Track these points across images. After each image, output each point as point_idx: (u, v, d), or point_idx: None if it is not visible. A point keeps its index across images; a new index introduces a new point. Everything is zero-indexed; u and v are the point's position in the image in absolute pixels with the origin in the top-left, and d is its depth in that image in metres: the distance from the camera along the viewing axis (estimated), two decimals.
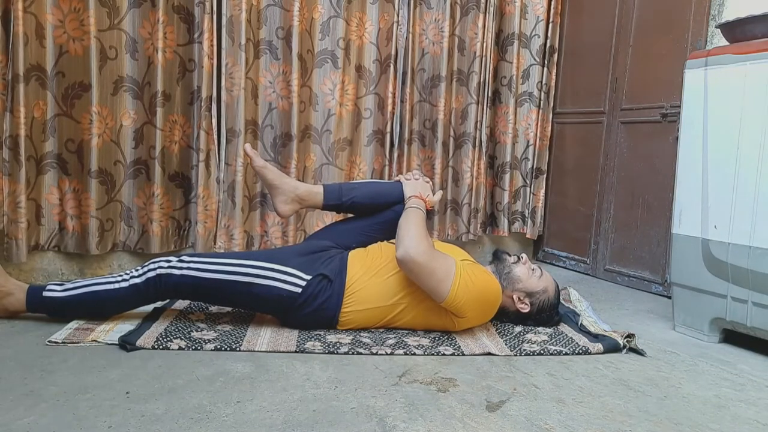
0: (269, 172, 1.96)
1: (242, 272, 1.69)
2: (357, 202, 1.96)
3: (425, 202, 1.88)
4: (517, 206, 3.15)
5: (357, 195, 1.96)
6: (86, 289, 1.70)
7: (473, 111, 2.96)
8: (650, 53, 2.64)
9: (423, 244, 1.69)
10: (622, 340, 1.77)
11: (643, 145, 2.66)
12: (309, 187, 1.98)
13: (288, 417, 1.22)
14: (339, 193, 1.95)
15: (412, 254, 1.66)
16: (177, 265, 1.68)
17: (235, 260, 1.72)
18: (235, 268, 1.69)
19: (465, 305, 1.71)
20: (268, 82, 2.56)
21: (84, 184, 2.25)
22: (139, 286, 1.68)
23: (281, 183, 1.94)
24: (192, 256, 1.71)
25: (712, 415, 1.36)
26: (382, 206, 1.95)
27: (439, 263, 1.68)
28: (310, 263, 1.76)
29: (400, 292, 1.75)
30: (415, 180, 1.97)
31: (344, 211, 2.03)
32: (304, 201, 1.95)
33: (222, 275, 1.68)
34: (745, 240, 1.77)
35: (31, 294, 1.72)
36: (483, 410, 1.30)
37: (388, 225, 1.92)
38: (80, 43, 2.18)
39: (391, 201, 1.94)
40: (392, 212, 1.92)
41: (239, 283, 1.69)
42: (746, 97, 1.78)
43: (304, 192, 1.95)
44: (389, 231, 1.91)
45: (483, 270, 1.80)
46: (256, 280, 1.69)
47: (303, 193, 1.95)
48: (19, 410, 1.19)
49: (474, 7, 2.92)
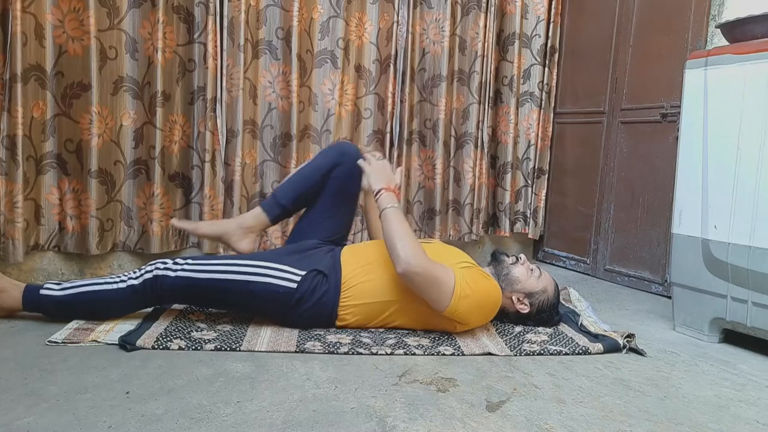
0: (208, 226, 2.01)
1: (237, 271, 1.69)
2: (298, 196, 1.95)
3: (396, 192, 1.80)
4: (518, 206, 3.15)
5: (292, 190, 1.95)
6: (84, 289, 1.70)
7: (474, 111, 2.96)
8: (650, 53, 2.64)
9: (419, 252, 1.66)
10: (622, 340, 1.77)
11: (643, 145, 2.66)
12: (250, 214, 1.97)
13: (288, 417, 1.22)
14: (276, 201, 1.95)
15: (413, 266, 1.63)
16: (172, 267, 1.68)
17: (229, 260, 1.73)
18: (230, 267, 1.70)
19: (465, 314, 1.71)
20: (268, 82, 2.56)
21: (84, 184, 2.24)
22: (136, 287, 1.68)
23: (225, 228, 1.94)
24: (186, 259, 1.72)
25: (712, 415, 1.36)
26: (321, 182, 1.94)
27: (439, 271, 1.67)
28: (303, 260, 1.76)
29: (396, 288, 1.74)
30: (377, 162, 1.86)
31: (294, 211, 2.02)
32: (254, 228, 1.94)
33: (217, 275, 1.69)
34: (745, 240, 1.77)
35: (28, 292, 1.71)
36: (483, 410, 1.30)
37: (341, 195, 1.95)
38: (80, 43, 2.18)
39: (326, 170, 1.93)
40: (335, 180, 1.92)
41: (235, 281, 1.69)
42: (746, 97, 1.78)
43: (250, 221, 1.94)
44: (345, 199, 1.96)
45: (482, 274, 1.78)
46: (251, 278, 1.69)
47: (249, 223, 1.94)
48: (19, 410, 1.19)
49: (475, 7, 2.92)
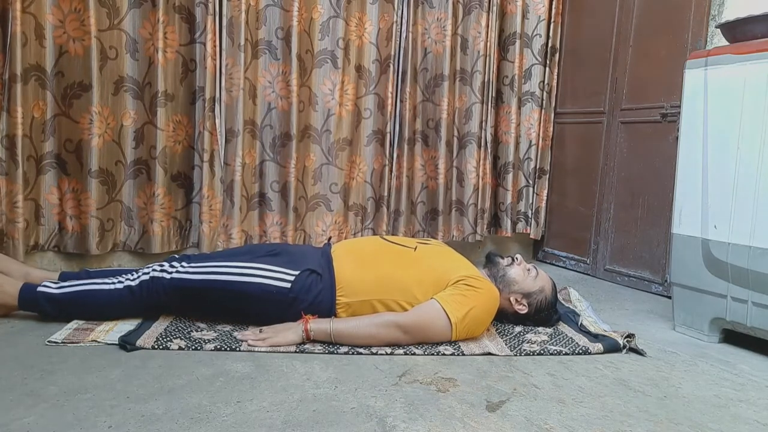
0: None
1: (231, 272, 1.69)
2: None
3: (305, 320, 1.66)
4: (520, 206, 3.15)
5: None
6: (81, 288, 1.70)
7: (477, 110, 2.96)
8: (650, 53, 2.64)
9: (392, 327, 1.64)
10: (622, 340, 1.76)
11: (643, 145, 2.66)
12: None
13: (288, 417, 1.22)
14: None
15: (404, 335, 1.64)
16: (168, 269, 1.69)
17: (222, 262, 1.72)
18: (223, 269, 1.70)
19: (470, 332, 1.72)
20: (268, 82, 2.56)
21: (83, 184, 2.24)
22: (133, 288, 1.68)
23: None
24: (182, 262, 1.72)
25: (712, 415, 1.36)
26: None
27: (423, 316, 1.66)
28: (295, 261, 1.76)
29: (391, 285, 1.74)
30: (265, 332, 1.65)
31: None
32: None
33: (211, 276, 1.69)
34: (745, 240, 1.77)
35: (25, 290, 1.70)
36: (483, 410, 1.30)
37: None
38: (80, 43, 2.18)
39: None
40: None
41: (229, 282, 1.68)
42: (746, 97, 1.78)
43: None
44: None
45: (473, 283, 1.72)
46: (245, 278, 1.69)
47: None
48: (19, 410, 1.19)
49: (477, 6, 2.92)
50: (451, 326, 1.66)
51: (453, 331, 1.66)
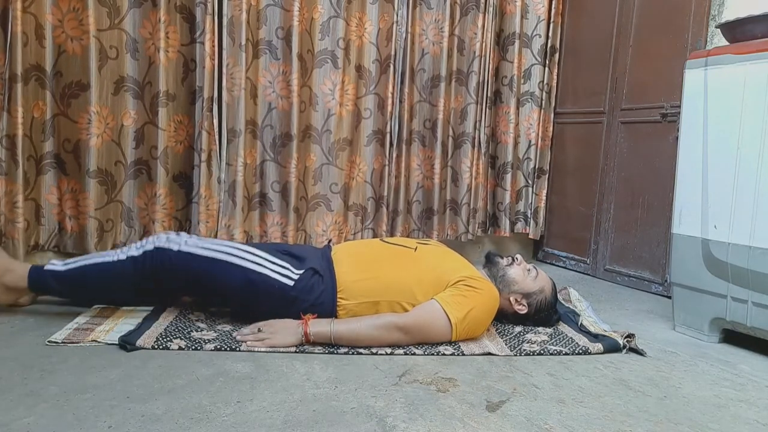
0: None
1: (237, 255, 1.69)
2: None
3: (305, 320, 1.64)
4: (519, 206, 3.15)
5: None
6: (86, 262, 1.72)
7: (472, 111, 2.96)
8: (650, 53, 2.64)
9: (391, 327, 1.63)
10: (622, 340, 1.76)
11: (643, 145, 2.66)
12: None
13: (288, 417, 1.22)
14: None
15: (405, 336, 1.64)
16: (176, 239, 1.69)
17: (231, 246, 1.73)
18: (232, 250, 1.70)
19: (471, 333, 1.71)
20: (268, 82, 2.56)
21: (82, 184, 2.24)
22: (137, 258, 1.69)
23: None
24: (191, 237, 1.72)
25: (712, 415, 1.36)
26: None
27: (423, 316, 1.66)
28: (299, 260, 1.77)
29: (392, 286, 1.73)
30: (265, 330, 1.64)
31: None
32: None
33: (218, 254, 1.68)
34: (745, 240, 1.77)
35: (33, 270, 1.73)
36: (483, 410, 1.30)
37: None
38: (79, 42, 2.18)
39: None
40: None
41: (234, 265, 1.68)
42: (746, 97, 1.78)
43: None
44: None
45: (473, 283, 1.72)
46: (251, 265, 1.68)
47: None
48: (19, 410, 1.19)
49: (474, 7, 2.92)
50: (451, 327, 1.66)
51: (453, 332, 1.66)
